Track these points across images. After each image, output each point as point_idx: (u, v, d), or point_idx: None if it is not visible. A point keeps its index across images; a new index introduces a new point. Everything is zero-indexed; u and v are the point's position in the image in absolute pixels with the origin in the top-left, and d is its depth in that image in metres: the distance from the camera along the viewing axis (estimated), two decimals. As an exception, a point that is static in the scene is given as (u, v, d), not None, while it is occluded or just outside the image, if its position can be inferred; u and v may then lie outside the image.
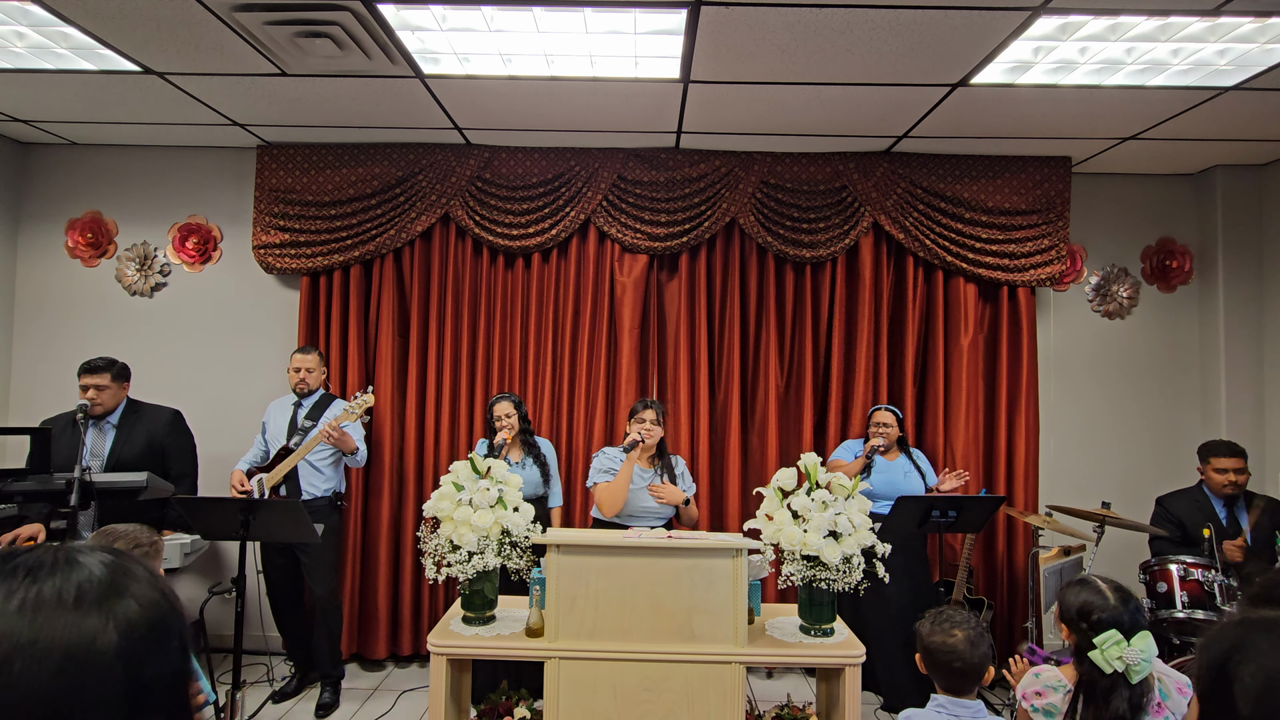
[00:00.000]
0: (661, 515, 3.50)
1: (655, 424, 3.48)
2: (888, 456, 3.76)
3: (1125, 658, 1.83)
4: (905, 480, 3.73)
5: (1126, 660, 1.83)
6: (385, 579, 4.25)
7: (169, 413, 3.79)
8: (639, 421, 3.48)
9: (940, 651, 1.96)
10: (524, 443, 3.74)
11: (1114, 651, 1.83)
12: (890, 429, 3.77)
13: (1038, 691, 1.97)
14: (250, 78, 3.41)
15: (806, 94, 3.48)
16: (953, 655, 1.94)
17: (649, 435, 3.43)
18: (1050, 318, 4.60)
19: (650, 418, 3.47)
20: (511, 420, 3.67)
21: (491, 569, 2.69)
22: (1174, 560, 3.45)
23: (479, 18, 2.80)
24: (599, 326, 4.36)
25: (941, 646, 1.96)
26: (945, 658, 1.95)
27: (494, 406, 3.72)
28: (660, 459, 3.57)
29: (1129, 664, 1.83)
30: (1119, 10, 2.68)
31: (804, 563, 2.62)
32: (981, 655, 1.94)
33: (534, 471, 3.68)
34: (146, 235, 4.52)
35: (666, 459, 3.59)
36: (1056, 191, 4.32)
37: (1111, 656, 1.83)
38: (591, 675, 2.52)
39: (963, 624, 1.97)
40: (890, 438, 3.75)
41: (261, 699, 3.79)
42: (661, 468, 3.54)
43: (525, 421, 3.77)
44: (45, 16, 2.86)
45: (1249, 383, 4.40)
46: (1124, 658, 1.83)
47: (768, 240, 4.29)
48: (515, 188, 4.30)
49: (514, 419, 3.68)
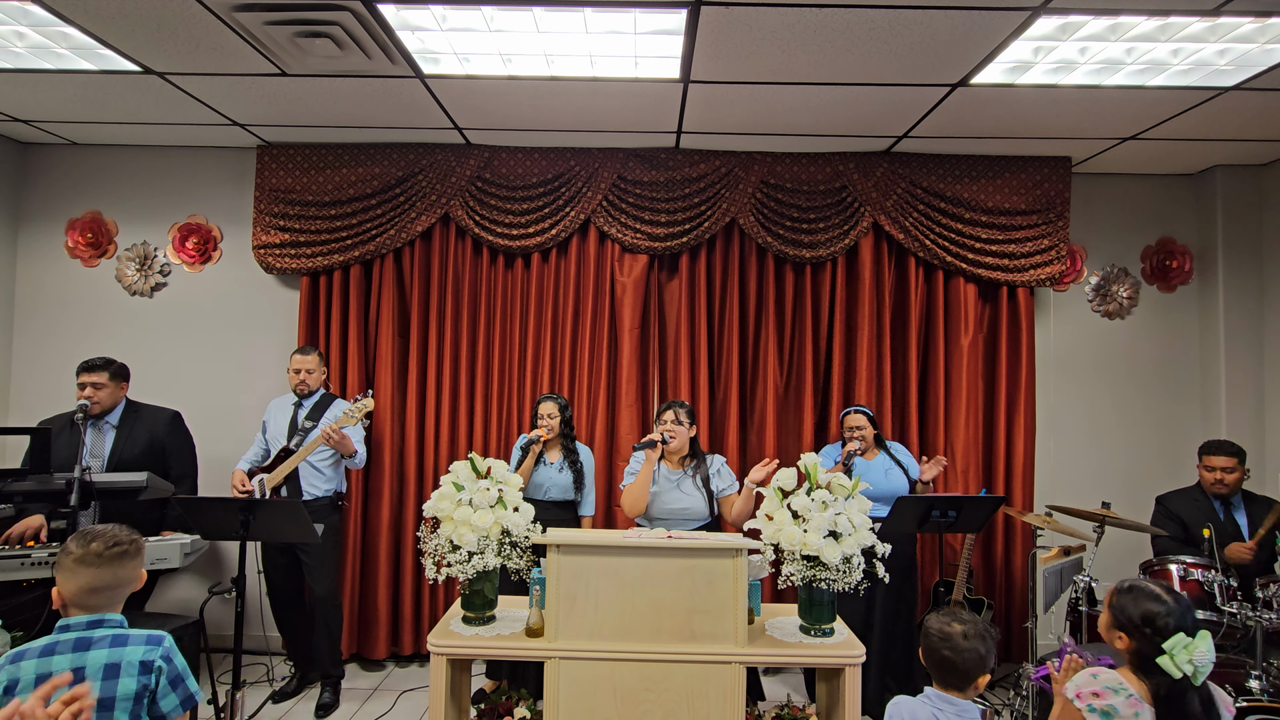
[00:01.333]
0: (691, 518, 3.37)
1: (676, 424, 3.39)
2: (866, 457, 3.74)
3: (1194, 660, 1.84)
4: (887, 478, 3.67)
5: (1196, 663, 1.84)
6: (385, 579, 4.26)
7: (168, 413, 3.79)
8: (661, 424, 3.43)
9: (936, 636, 1.97)
10: (564, 446, 3.73)
11: (1183, 655, 1.84)
12: (864, 430, 3.74)
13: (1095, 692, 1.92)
14: (250, 78, 3.42)
15: (806, 94, 3.48)
16: (945, 642, 1.94)
17: (671, 436, 3.38)
18: (1050, 318, 4.60)
19: (670, 418, 3.39)
20: (553, 421, 3.66)
21: (491, 569, 2.69)
22: (1174, 560, 3.45)
23: (479, 18, 2.80)
24: (599, 326, 4.36)
25: (939, 632, 1.97)
26: (938, 643, 1.96)
27: (539, 405, 3.72)
28: (692, 459, 3.47)
29: (1198, 666, 1.84)
30: (1119, 10, 2.68)
31: (804, 563, 2.62)
32: (975, 651, 1.93)
33: (567, 475, 3.65)
34: (146, 235, 4.52)
35: (700, 460, 3.47)
36: (1056, 191, 4.32)
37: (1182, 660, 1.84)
38: (591, 675, 2.52)
39: (968, 621, 1.97)
40: (866, 439, 3.74)
41: (261, 699, 3.79)
42: (694, 470, 3.43)
43: (568, 426, 3.75)
44: (45, 16, 2.86)
45: (1249, 383, 4.40)
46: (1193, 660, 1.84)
47: (768, 240, 4.29)
48: (515, 188, 4.30)
49: (556, 420, 3.67)
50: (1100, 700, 1.90)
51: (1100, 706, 1.90)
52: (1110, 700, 1.89)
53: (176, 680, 1.84)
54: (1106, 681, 1.93)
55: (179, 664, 1.86)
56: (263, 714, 3.68)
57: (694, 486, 3.39)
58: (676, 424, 3.39)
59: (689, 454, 3.47)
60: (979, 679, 1.95)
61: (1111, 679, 1.93)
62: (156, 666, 1.80)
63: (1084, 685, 1.95)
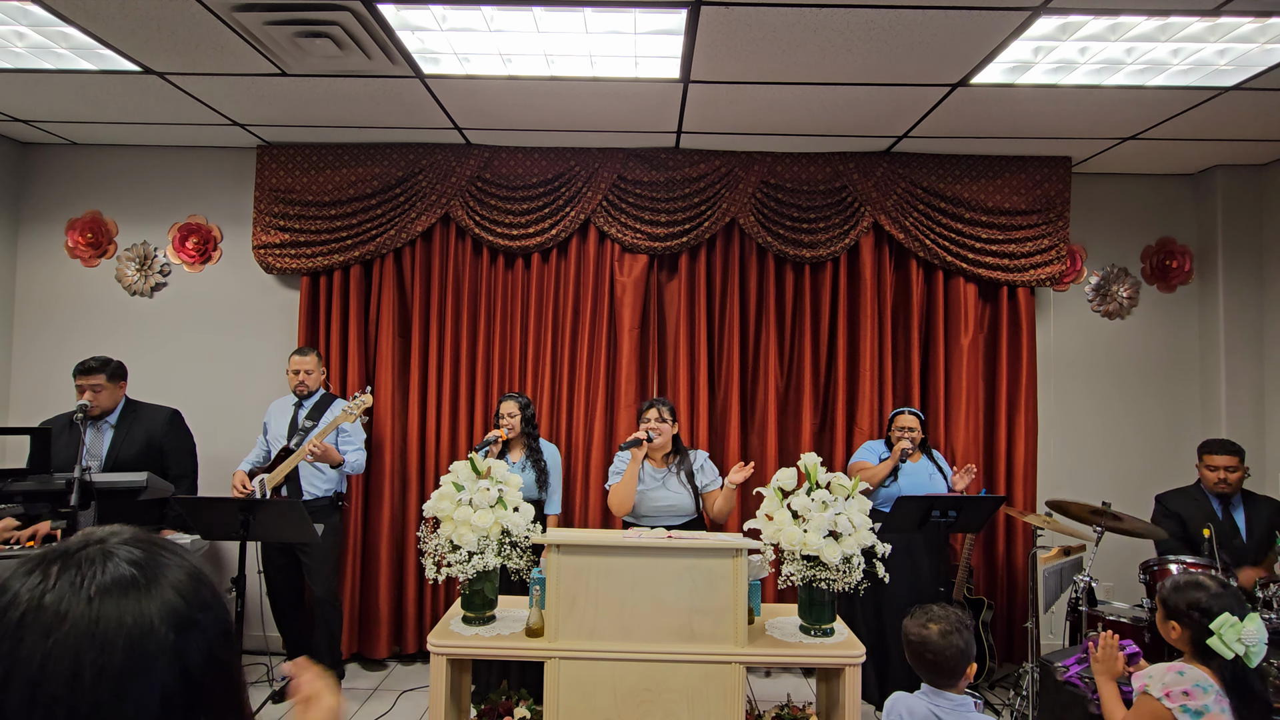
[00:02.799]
0: (678, 514, 3.42)
1: (660, 422, 3.42)
2: (912, 459, 3.76)
3: (1244, 638, 1.86)
4: (931, 482, 3.72)
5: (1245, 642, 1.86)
6: (387, 578, 4.25)
7: (167, 412, 3.78)
8: (645, 422, 3.45)
9: (915, 643, 2.00)
10: (527, 445, 3.73)
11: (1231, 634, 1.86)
12: (915, 432, 3.75)
13: (1186, 691, 1.90)
14: (250, 78, 3.41)
15: (806, 94, 3.48)
16: (924, 646, 1.97)
17: (657, 433, 3.40)
18: (1050, 318, 4.60)
19: (654, 417, 3.42)
20: (512, 420, 3.66)
21: (491, 569, 2.69)
22: (1174, 560, 3.45)
23: (479, 18, 2.80)
24: (599, 326, 4.36)
25: (916, 638, 2.00)
26: (918, 649, 1.99)
27: (500, 404, 3.72)
28: (675, 456, 3.50)
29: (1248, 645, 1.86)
30: (1119, 10, 2.68)
31: (804, 563, 2.62)
32: (955, 648, 1.94)
33: (530, 474, 3.64)
34: (146, 235, 4.52)
35: (683, 456, 3.50)
36: (1056, 191, 4.32)
37: (1230, 639, 1.86)
38: (591, 675, 2.52)
39: (940, 618, 1.99)
40: (916, 440, 3.75)
41: (261, 699, 3.79)
42: (678, 466, 3.47)
43: (530, 424, 3.74)
44: (45, 16, 2.86)
45: (1249, 383, 4.40)
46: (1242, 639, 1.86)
47: (768, 240, 4.29)
48: (515, 188, 4.30)
49: (515, 419, 3.66)
50: (1193, 701, 1.88)
51: (1195, 707, 1.88)
52: (1202, 700, 1.88)
53: None
54: (1195, 679, 1.92)
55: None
56: (263, 714, 3.68)
57: (679, 483, 3.43)
58: (660, 421, 3.43)
59: (672, 450, 3.50)
60: (967, 670, 1.97)
61: (1199, 677, 1.92)
62: None
63: (1173, 684, 1.93)
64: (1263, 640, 1.86)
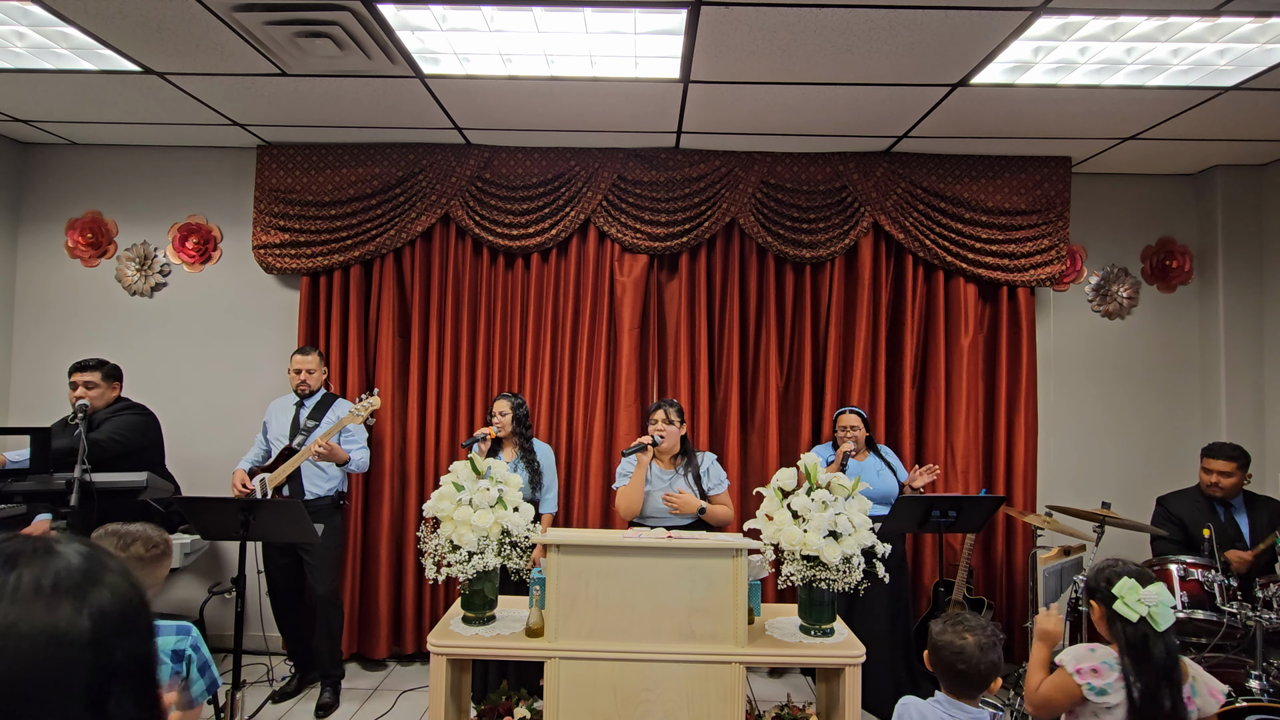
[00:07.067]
0: (684, 515, 3.40)
1: (667, 424, 3.40)
2: (858, 458, 3.74)
3: (1144, 599, 1.92)
4: (879, 479, 3.68)
5: (1146, 602, 1.92)
6: (387, 578, 4.25)
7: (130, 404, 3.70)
8: (652, 424, 3.43)
9: (947, 650, 1.96)
10: (520, 445, 3.73)
11: (1132, 595, 1.93)
12: (857, 430, 3.74)
13: (1094, 669, 1.95)
14: (250, 78, 3.41)
15: (806, 94, 3.48)
16: (958, 656, 1.93)
17: (663, 437, 3.37)
18: (1050, 318, 4.60)
19: (661, 418, 3.40)
20: (504, 419, 3.65)
21: (491, 569, 2.69)
22: (1174, 560, 3.45)
23: (479, 18, 2.80)
24: (599, 326, 4.36)
25: (949, 646, 1.96)
26: (951, 658, 1.95)
27: (493, 403, 3.72)
28: (683, 457, 3.47)
29: (1149, 606, 1.91)
30: (1119, 10, 2.68)
31: (804, 563, 2.62)
32: (989, 663, 1.92)
33: (524, 474, 3.61)
34: (146, 235, 4.52)
35: (691, 458, 3.47)
36: (1056, 191, 4.32)
37: (1132, 599, 1.92)
38: (591, 675, 2.52)
39: (977, 629, 1.97)
40: (859, 440, 3.73)
41: (261, 699, 3.79)
42: (685, 467, 3.44)
43: (523, 424, 3.72)
44: (45, 16, 2.86)
45: (1249, 383, 4.40)
46: (1143, 599, 1.92)
47: (768, 240, 4.29)
48: (515, 188, 4.30)
49: (507, 418, 3.66)
50: (1099, 679, 1.94)
51: (1099, 685, 1.94)
52: (1107, 679, 1.94)
53: (204, 667, 1.94)
54: (1104, 657, 1.97)
55: (205, 651, 1.97)
56: (263, 714, 3.68)
57: (687, 485, 3.42)
58: (667, 423, 3.41)
59: (680, 452, 3.48)
60: (992, 685, 1.96)
61: (1108, 654, 1.97)
62: (187, 655, 1.89)
63: (1083, 660, 1.98)
64: (1165, 602, 1.93)
